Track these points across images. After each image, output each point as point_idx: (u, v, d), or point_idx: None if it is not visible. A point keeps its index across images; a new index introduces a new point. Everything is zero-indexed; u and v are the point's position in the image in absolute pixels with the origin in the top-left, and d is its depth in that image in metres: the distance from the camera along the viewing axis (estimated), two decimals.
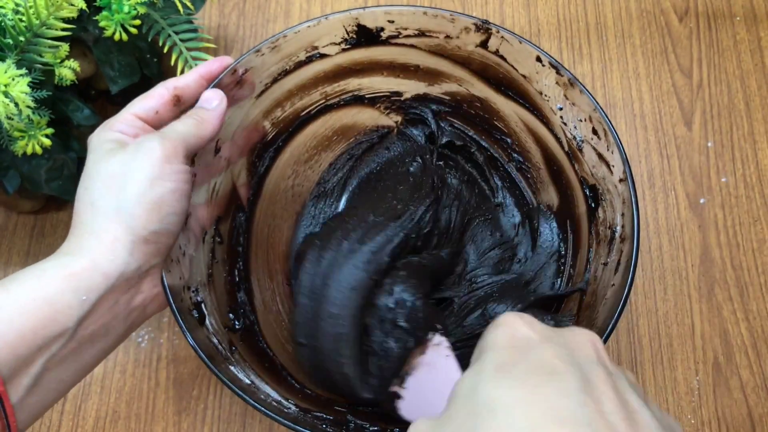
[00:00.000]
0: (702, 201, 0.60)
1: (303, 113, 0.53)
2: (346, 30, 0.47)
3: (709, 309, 0.56)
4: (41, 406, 0.35)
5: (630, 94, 0.64)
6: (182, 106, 0.43)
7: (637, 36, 0.66)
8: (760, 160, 0.61)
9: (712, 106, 0.63)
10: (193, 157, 0.43)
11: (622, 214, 0.41)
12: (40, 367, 0.33)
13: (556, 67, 0.44)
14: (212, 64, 0.44)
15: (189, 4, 0.53)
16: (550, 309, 0.48)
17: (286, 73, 0.48)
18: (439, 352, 0.40)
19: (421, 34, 0.47)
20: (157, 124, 0.41)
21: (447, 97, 0.52)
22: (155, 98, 0.41)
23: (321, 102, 0.53)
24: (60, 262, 0.35)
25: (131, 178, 0.36)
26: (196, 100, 0.43)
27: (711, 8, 0.68)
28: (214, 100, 0.42)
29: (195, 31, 0.54)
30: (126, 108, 0.41)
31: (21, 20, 0.46)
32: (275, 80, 0.48)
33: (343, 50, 0.48)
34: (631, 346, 0.55)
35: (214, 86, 0.43)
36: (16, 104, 0.44)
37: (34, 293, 0.33)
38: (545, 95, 0.46)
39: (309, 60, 0.48)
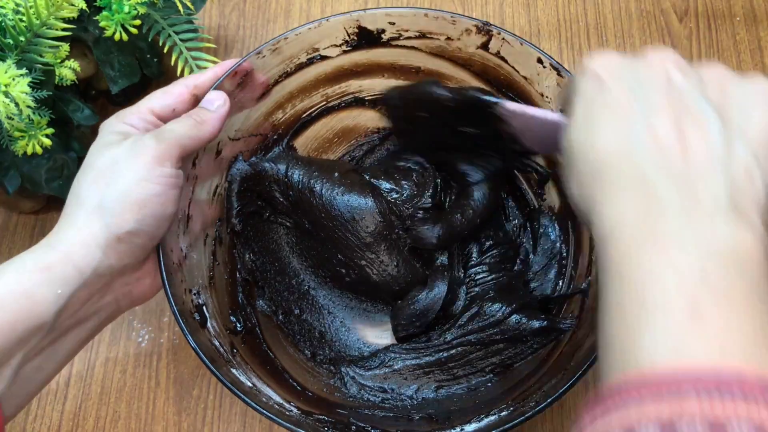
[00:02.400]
0: None
1: (304, 115, 0.53)
2: (347, 32, 0.47)
3: None
4: (25, 395, 0.35)
5: None
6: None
7: (637, 36, 0.66)
8: None
9: None
10: (194, 159, 0.43)
11: None
12: (21, 358, 0.34)
13: (558, 68, 0.44)
14: (229, 66, 0.43)
15: (189, 4, 0.53)
16: (551, 311, 0.48)
17: (287, 75, 0.48)
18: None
19: (422, 35, 0.47)
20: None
21: None
22: (174, 96, 0.41)
23: (322, 104, 0.53)
24: (37, 254, 0.35)
25: (119, 176, 0.36)
26: None
27: (711, 8, 0.68)
28: (216, 101, 0.41)
29: (195, 31, 0.54)
30: (143, 101, 0.41)
31: (21, 20, 0.46)
32: (276, 82, 0.48)
33: (344, 52, 0.48)
34: None
35: (216, 88, 0.43)
36: (17, 104, 0.44)
37: (12, 287, 0.34)
38: (546, 97, 0.46)
39: (310, 62, 0.48)
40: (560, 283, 0.49)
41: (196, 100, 0.42)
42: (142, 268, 0.39)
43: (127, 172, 0.36)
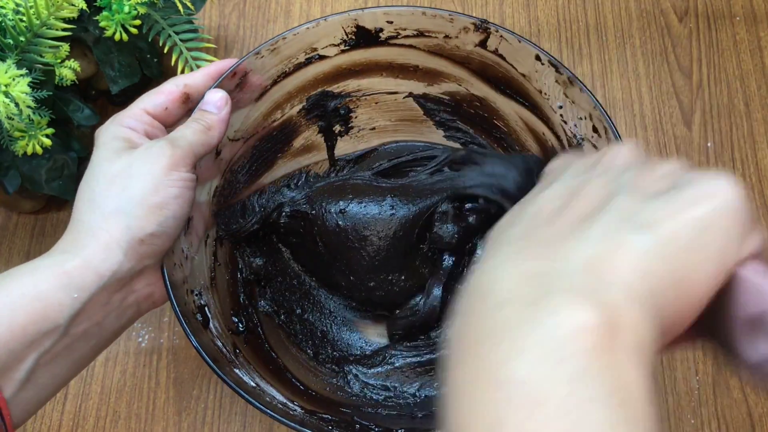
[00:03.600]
0: None
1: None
2: (345, 31, 0.47)
3: None
4: (36, 400, 0.35)
5: (630, 94, 0.64)
6: (191, 104, 0.42)
7: (636, 36, 0.66)
8: (759, 160, 0.61)
9: (712, 106, 0.63)
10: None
11: None
12: (33, 362, 0.33)
13: (556, 65, 0.44)
14: (223, 65, 0.43)
15: (189, 4, 0.53)
16: None
17: (285, 75, 0.48)
18: None
19: (420, 34, 0.47)
20: (165, 120, 0.41)
21: (447, 97, 0.52)
22: (165, 95, 0.41)
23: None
24: (54, 260, 0.35)
25: (136, 180, 0.37)
26: None
27: (711, 8, 0.68)
28: (219, 103, 0.42)
29: (195, 31, 0.54)
30: (135, 103, 0.41)
31: (21, 20, 0.46)
32: (275, 82, 0.48)
33: (342, 51, 0.48)
34: None
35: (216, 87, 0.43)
36: (17, 104, 0.44)
37: (25, 290, 0.34)
38: (545, 94, 0.46)
39: (308, 62, 0.48)
40: None
41: (187, 99, 0.42)
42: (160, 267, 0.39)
43: (144, 177, 0.37)
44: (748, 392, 0.53)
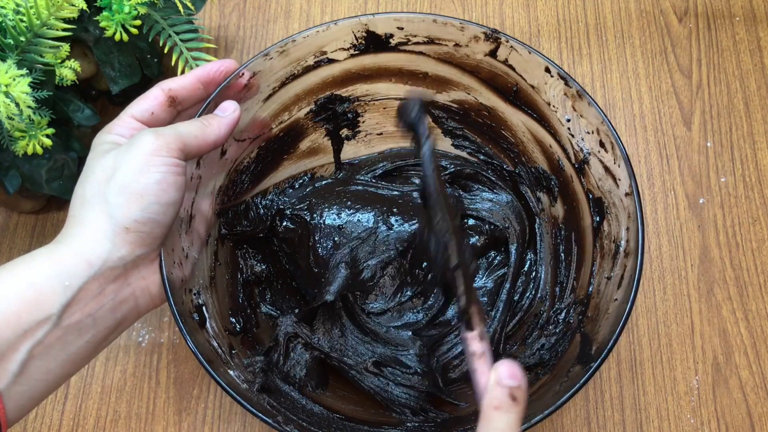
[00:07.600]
0: (701, 201, 0.60)
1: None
2: (355, 36, 0.47)
3: (709, 309, 0.56)
4: (30, 396, 0.35)
5: (629, 94, 0.64)
6: (179, 107, 0.43)
7: (636, 36, 0.67)
8: (759, 160, 0.61)
9: (712, 106, 0.63)
10: (198, 159, 0.43)
11: (627, 229, 0.41)
12: (26, 353, 0.34)
13: (565, 78, 0.43)
14: (211, 67, 0.44)
15: (189, 4, 0.53)
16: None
17: (294, 77, 0.48)
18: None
19: (430, 41, 0.47)
20: (153, 124, 0.42)
21: (455, 105, 0.52)
22: (150, 100, 0.42)
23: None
24: (47, 251, 0.36)
25: (119, 170, 0.37)
26: (195, 101, 0.44)
27: (710, 8, 0.68)
28: (229, 108, 0.42)
29: (195, 31, 0.54)
30: (124, 111, 0.42)
31: (22, 20, 0.46)
32: (283, 84, 0.48)
33: (352, 56, 0.48)
34: (631, 346, 0.55)
35: (222, 89, 0.43)
36: (17, 104, 0.44)
37: (19, 278, 0.34)
38: (553, 106, 0.46)
39: (317, 65, 0.48)
40: (557, 290, 0.49)
41: (173, 102, 0.42)
42: (157, 260, 0.39)
43: (126, 165, 0.37)
44: (747, 392, 0.53)
